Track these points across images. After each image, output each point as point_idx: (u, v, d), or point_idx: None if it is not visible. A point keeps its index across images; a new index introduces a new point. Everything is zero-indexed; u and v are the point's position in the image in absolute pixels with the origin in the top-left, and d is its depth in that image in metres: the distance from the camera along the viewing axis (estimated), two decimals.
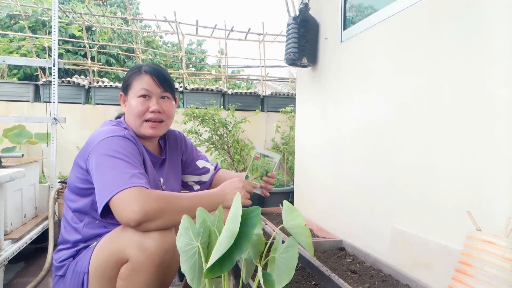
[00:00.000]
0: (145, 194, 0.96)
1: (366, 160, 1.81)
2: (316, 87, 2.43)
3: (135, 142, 1.14)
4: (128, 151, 1.06)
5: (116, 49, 7.96)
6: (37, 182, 2.42)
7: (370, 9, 1.92)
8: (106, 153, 1.04)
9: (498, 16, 1.12)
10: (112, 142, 1.06)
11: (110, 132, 1.10)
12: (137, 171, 1.02)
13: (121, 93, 1.27)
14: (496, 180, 1.11)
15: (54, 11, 2.56)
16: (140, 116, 1.19)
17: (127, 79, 1.24)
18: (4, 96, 4.15)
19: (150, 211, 0.94)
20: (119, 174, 0.98)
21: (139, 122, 1.20)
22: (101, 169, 1.02)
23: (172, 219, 0.98)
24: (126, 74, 1.28)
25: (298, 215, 0.88)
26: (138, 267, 0.96)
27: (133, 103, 1.19)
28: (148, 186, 1.01)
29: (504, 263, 0.87)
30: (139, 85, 1.20)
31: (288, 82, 7.00)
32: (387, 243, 1.58)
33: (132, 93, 1.21)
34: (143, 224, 0.94)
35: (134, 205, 0.93)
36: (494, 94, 1.12)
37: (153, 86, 1.20)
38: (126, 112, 1.24)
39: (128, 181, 0.97)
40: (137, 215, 0.92)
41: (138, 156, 1.10)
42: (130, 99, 1.22)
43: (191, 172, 1.47)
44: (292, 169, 3.85)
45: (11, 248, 1.76)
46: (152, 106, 1.19)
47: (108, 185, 0.97)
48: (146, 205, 0.93)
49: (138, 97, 1.19)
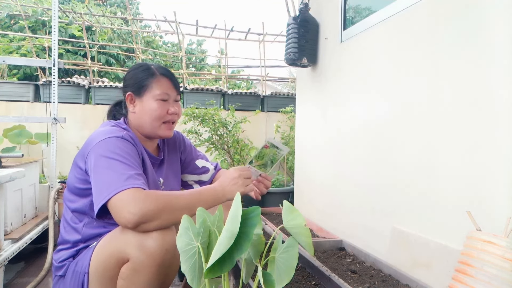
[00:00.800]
0: (142, 195, 0.95)
1: (366, 160, 1.81)
2: (316, 87, 2.43)
3: (133, 143, 1.14)
4: (126, 152, 1.06)
5: (116, 49, 7.96)
6: (37, 182, 2.42)
7: (370, 9, 1.92)
8: (104, 154, 1.03)
9: (498, 16, 1.12)
10: (110, 143, 1.06)
11: (108, 133, 1.10)
12: (134, 172, 1.02)
13: (130, 93, 1.23)
14: (496, 180, 1.11)
15: (54, 11, 2.56)
16: (161, 118, 1.21)
17: (141, 81, 1.22)
18: (4, 96, 4.16)
19: (147, 212, 0.93)
20: (116, 176, 0.98)
21: (158, 124, 1.21)
22: (98, 171, 1.02)
23: (171, 219, 0.98)
24: (132, 74, 1.25)
25: (298, 215, 0.88)
26: (139, 266, 0.96)
27: (153, 106, 1.20)
28: (146, 187, 1.00)
29: (504, 263, 0.87)
30: (159, 89, 1.20)
31: (288, 82, 7.00)
32: (387, 243, 1.58)
33: (150, 95, 1.20)
34: (141, 225, 0.94)
35: (131, 207, 0.93)
36: (494, 94, 1.12)
37: (172, 89, 1.24)
38: (138, 112, 1.22)
39: (125, 182, 0.97)
40: (135, 216, 0.92)
41: (136, 157, 1.10)
42: (147, 101, 1.20)
43: (190, 171, 1.47)
44: (292, 169, 3.84)
45: (11, 248, 1.76)
46: (171, 109, 1.22)
47: (105, 187, 0.97)
48: (143, 206, 0.93)
49: (158, 100, 1.20)
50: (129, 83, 1.24)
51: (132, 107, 1.24)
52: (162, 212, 0.96)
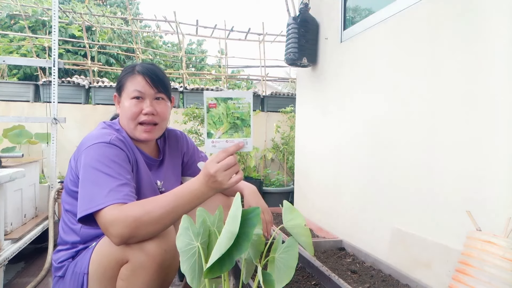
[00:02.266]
0: (117, 215, 0.92)
1: (366, 160, 1.81)
2: (316, 87, 2.43)
3: (123, 146, 1.11)
4: (110, 160, 1.03)
5: (116, 49, 7.96)
6: (37, 182, 2.42)
7: (370, 9, 1.92)
8: (89, 163, 1.02)
9: (498, 16, 1.12)
10: (96, 151, 1.04)
11: (96, 137, 1.08)
12: (116, 184, 0.99)
13: (115, 94, 1.23)
14: (496, 180, 1.11)
15: (54, 11, 2.56)
16: (134, 118, 1.15)
17: (120, 80, 1.21)
18: (4, 96, 4.15)
19: (124, 233, 0.91)
20: (97, 190, 0.97)
21: (133, 125, 1.16)
22: (82, 182, 1.01)
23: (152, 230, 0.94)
24: (120, 74, 1.24)
25: (298, 215, 0.88)
26: (139, 267, 0.95)
27: (126, 105, 1.16)
28: (128, 198, 0.97)
29: (504, 263, 0.87)
30: (132, 86, 1.16)
31: (288, 82, 6.99)
32: (387, 243, 1.58)
33: (125, 94, 1.17)
34: (126, 242, 0.94)
35: (110, 229, 0.92)
36: (494, 94, 1.12)
37: (146, 87, 1.15)
38: (120, 114, 1.21)
39: (105, 198, 0.95)
40: (116, 239, 0.92)
41: (122, 163, 1.06)
42: (123, 100, 1.18)
43: (191, 174, 1.43)
44: (292, 169, 3.85)
45: (11, 248, 1.76)
46: (145, 108, 1.14)
47: (86, 200, 0.97)
48: (118, 228, 0.91)
49: (131, 99, 1.15)
50: (116, 84, 1.24)
51: (118, 107, 1.23)
52: (138, 229, 0.92)
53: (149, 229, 0.94)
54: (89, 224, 1.02)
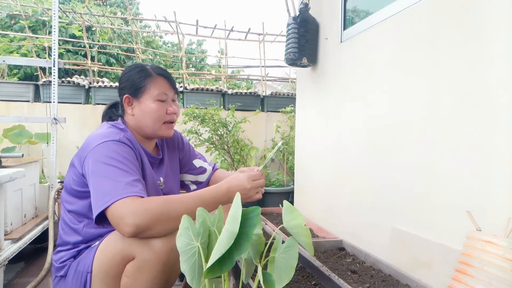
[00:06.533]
0: (137, 206, 0.94)
1: (366, 160, 1.81)
2: (316, 87, 2.43)
3: (131, 145, 1.13)
4: (123, 157, 1.05)
5: (116, 49, 7.96)
6: (37, 182, 2.42)
7: (370, 9, 1.92)
8: (101, 160, 1.02)
9: (498, 16, 1.12)
10: (107, 148, 1.05)
11: (105, 136, 1.09)
12: (132, 179, 1.01)
13: (127, 95, 1.21)
14: (496, 180, 1.11)
15: (54, 11, 2.56)
16: (161, 119, 1.21)
17: (138, 82, 1.20)
18: (4, 96, 4.15)
19: (142, 223, 0.92)
20: (113, 184, 0.97)
21: (158, 125, 1.21)
22: (96, 178, 1.01)
23: (167, 228, 0.97)
24: (128, 75, 1.23)
25: (298, 215, 0.88)
26: (144, 264, 0.96)
27: (152, 107, 1.19)
28: (143, 193, 0.99)
29: (504, 263, 0.87)
30: (157, 89, 1.20)
31: (288, 82, 6.99)
32: (387, 243, 1.58)
33: (148, 96, 1.19)
34: (138, 235, 0.94)
35: (126, 218, 0.92)
36: (494, 94, 1.12)
37: (170, 90, 1.23)
38: (137, 114, 1.21)
39: (122, 191, 0.96)
40: (131, 228, 0.92)
41: (133, 161, 1.09)
42: (145, 101, 1.20)
43: (187, 171, 1.46)
44: (292, 169, 3.84)
45: (11, 248, 1.76)
46: (170, 109, 1.22)
47: (101, 196, 0.97)
48: (138, 218, 0.92)
49: (157, 101, 1.20)
50: (126, 85, 1.22)
51: (130, 109, 1.22)
52: (157, 222, 0.94)
53: (166, 225, 0.96)
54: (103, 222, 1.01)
